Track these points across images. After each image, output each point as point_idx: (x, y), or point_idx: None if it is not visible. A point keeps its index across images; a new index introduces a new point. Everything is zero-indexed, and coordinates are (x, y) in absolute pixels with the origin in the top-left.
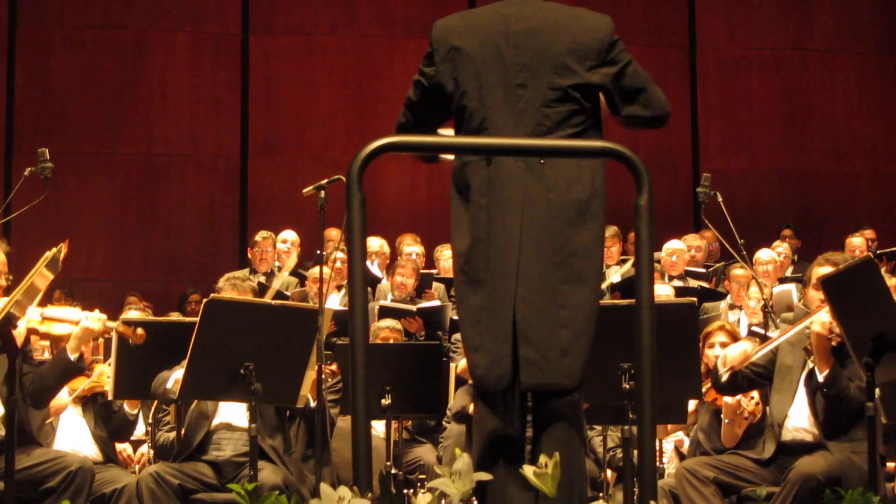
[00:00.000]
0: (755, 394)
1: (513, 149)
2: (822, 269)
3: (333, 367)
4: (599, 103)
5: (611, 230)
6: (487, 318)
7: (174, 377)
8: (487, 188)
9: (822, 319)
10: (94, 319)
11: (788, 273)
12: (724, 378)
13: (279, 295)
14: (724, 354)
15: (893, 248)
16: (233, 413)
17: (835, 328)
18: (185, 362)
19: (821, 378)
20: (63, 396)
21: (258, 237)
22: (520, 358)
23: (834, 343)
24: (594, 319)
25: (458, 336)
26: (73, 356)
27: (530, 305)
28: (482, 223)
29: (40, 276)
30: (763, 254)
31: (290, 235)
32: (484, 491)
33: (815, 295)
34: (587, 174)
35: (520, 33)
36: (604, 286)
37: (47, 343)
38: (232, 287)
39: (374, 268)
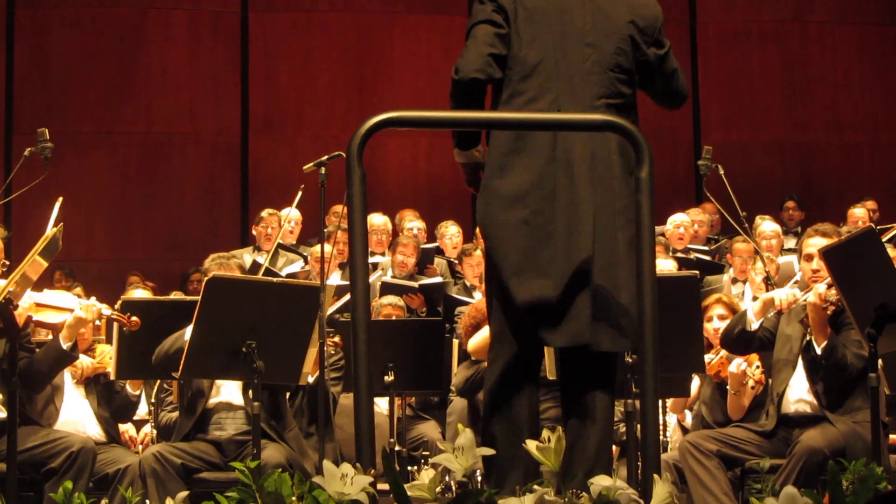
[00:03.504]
0: (759, 363)
1: (515, 123)
2: (812, 241)
3: (336, 339)
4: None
5: None
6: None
7: (189, 330)
8: (553, 141)
9: (817, 290)
10: (87, 309)
11: (792, 244)
12: (756, 325)
13: (268, 272)
14: (768, 297)
15: (891, 226)
16: (232, 392)
17: (830, 297)
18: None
19: (818, 350)
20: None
21: (264, 213)
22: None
23: (829, 311)
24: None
25: (461, 309)
26: (65, 345)
27: (602, 266)
28: (548, 175)
29: (35, 262)
30: (767, 227)
31: (294, 214)
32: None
33: (807, 266)
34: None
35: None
36: None
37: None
38: (218, 266)
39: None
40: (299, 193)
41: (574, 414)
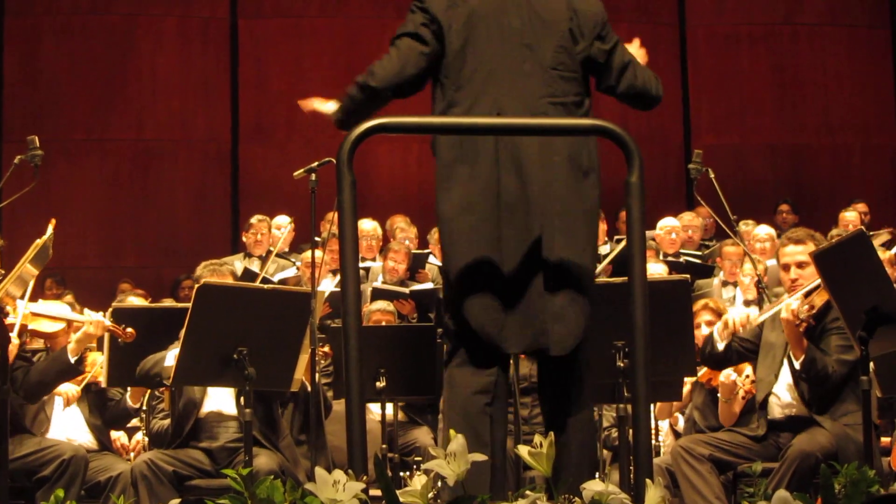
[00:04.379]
0: (749, 371)
1: (502, 128)
2: (787, 249)
3: (326, 348)
4: (589, 81)
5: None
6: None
7: (172, 354)
8: (496, 147)
9: (789, 306)
10: (97, 325)
11: None
12: (721, 346)
13: (264, 280)
14: (724, 319)
15: (883, 234)
16: (224, 401)
17: (801, 313)
18: (178, 343)
19: (797, 365)
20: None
21: (253, 220)
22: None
23: (801, 329)
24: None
25: None
26: (73, 358)
27: (550, 269)
28: (494, 182)
29: (26, 270)
30: (761, 230)
31: (282, 220)
32: None
33: (786, 276)
34: (586, 145)
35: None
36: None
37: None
38: (211, 273)
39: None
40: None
41: (551, 420)
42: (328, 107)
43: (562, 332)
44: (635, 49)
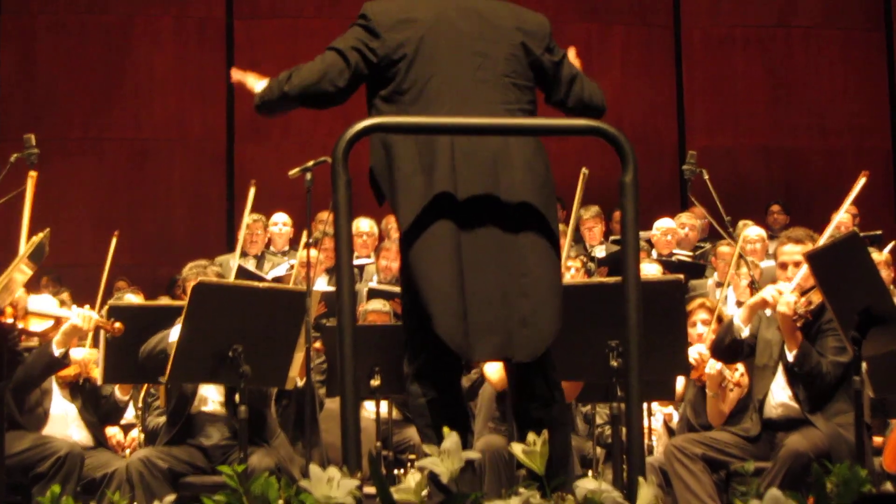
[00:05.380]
0: (740, 366)
1: (495, 128)
2: (785, 248)
3: (317, 344)
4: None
5: (592, 210)
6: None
7: (175, 330)
8: (451, 158)
9: (787, 300)
10: (84, 318)
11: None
12: (745, 333)
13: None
14: (761, 297)
15: (875, 233)
16: (215, 399)
17: (799, 309)
18: (180, 320)
19: (790, 357)
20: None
21: (249, 220)
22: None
23: (799, 324)
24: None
25: None
26: (58, 351)
27: (511, 276)
28: (451, 191)
29: (20, 270)
30: (751, 231)
31: (281, 217)
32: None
33: (782, 274)
34: (541, 160)
35: (471, 10)
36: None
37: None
38: (195, 275)
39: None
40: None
41: (524, 421)
42: (257, 86)
43: (530, 338)
44: (573, 58)
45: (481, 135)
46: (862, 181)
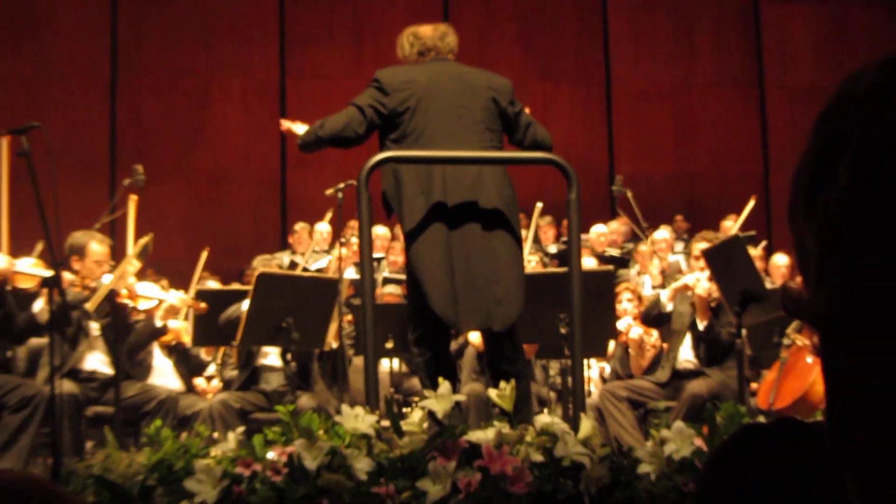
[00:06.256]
0: (655, 332)
1: (472, 160)
2: (699, 245)
3: (347, 317)
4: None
5: (547, 219)
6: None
7: (245, 302)
8: (444, 186)
9: (704, 286)
10: (178, 299)
11: (680, 248)
12: (670, 308)
13: (304, 270)
14: (683, 283)
15: (750, 233)
16: (274, 357)
17: (713, 294)
18: (248, 297)
19: (701, 328)
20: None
21: (297, 227)
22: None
23: (712, 305)
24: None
25: None
26: (160, 323)
27: (488, 269)
28: (444, 210)
29: (131, 264)
30: (659, 234)
31: (322, 226)
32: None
33: (696, 264)
34: (508, 185)
35: (455, 74)
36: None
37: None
38: (264, 264)
39: (325, 260)
40: (328, 214)
41: (496, 374)
42: (299, 130)
43: (503, 314)
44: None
45: (464, 164)
46: (751, 203)
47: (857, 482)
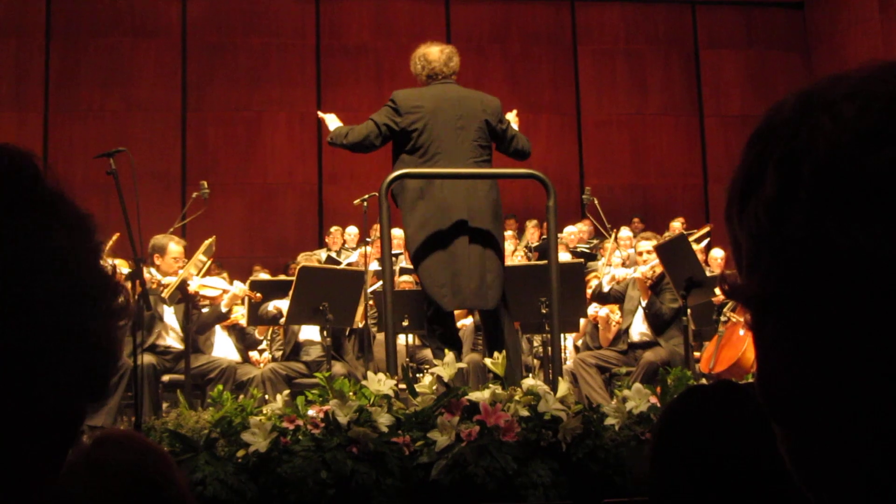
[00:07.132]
0: (618, 313)
1: (470, 175)
2: (641, 244)
3: (371, 301)
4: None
5: (533, 221)
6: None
7: (273, 304)
8: (441, 192)
9: (642, 271)
10: (239, 289)
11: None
12: (607, 289)
13: (338, 263)
14: (612, 274)
15: (695, 232)
16: (313, 333)
17: (647, 274)
18: (284, 297)
19: (643, 304)
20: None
21: (332, 230)
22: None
23: (648, 284)
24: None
25: None
26: (224, 309)
27: (478, 262)
28: (440, 213)
29: (199, 261)
30: (623, 233)
31: (352, 229)
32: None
33: (639, 258)
34: (495, 191)
35: (455, 99)
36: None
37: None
38: (305, 259)
39: (354, 255)
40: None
41: (491, 344)
42: (330, 121)
43: (490, 296)
44: (513, 117)
45: (465, 179)
46: (707, 229)
47: (781, 429)
